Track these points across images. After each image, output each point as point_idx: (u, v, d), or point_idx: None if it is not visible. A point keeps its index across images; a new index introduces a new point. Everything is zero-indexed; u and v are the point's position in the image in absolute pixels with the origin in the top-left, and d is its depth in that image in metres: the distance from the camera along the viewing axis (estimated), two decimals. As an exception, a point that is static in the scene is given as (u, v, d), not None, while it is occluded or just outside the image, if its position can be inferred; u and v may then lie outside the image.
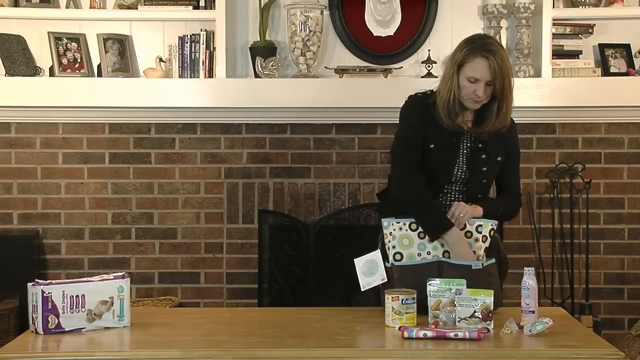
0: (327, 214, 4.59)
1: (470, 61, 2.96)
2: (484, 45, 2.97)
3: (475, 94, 2.96)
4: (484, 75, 2.94)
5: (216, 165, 4.60)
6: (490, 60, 2.93)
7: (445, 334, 2.61)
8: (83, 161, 4.59)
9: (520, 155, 3.23)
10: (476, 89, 2.95)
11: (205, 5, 4.48)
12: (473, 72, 2.95)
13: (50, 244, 4.60)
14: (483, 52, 2.95)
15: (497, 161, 3.09)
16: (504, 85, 2.96)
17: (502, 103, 2.99)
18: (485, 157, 3.05)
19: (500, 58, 2.94)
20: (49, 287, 2.66)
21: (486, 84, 2.96)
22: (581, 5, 4.54)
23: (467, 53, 2.97)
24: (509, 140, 3.13)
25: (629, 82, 4.44)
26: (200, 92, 4.43)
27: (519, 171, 3.22)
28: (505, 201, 3.13)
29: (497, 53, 2.95)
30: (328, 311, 3.07)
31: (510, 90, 3.00)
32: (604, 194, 4.58)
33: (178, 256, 4.62)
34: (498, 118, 3.01)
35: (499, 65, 2.93)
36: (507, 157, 3.11)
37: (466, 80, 2.96)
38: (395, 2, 4.57)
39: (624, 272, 4.61)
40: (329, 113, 4.53)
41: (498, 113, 3.00)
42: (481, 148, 3.05)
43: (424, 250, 2.93)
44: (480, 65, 2.95)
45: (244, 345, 2.63)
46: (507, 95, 2.99)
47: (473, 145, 3.06)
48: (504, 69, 2.94)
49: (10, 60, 4.46)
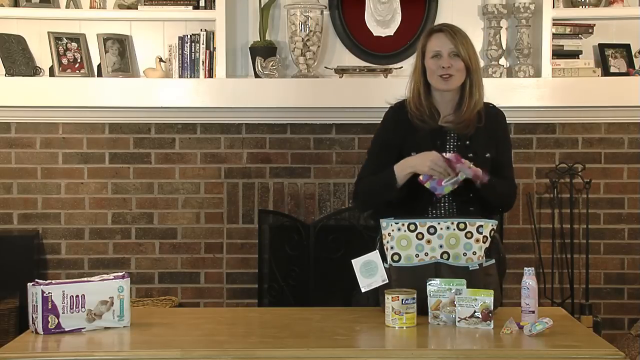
0: (327, 214, 4.59)
1: (430, 41, 3.07)
2: (440, 25, 3.17)
3: (441, 68, 3.02)
4: (444, 45, 3.03)
5: (216, 165, 4.60)
6: (447, 32, 3.05)
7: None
8: (83, 161, 4.59)
9: (511, 147, 3.24)
10: (441, 63, 3.03)
11: (205, 5, 4.48)
12: (434, 46, 3.05)
13: (50, 244, 4.60)
14: (437, 27, 3.11)
15: (486, 158, 3.08)
16: (469, 54, 3.03)
17: (472, 78, 3.05)
18: (473, 154, 3.05)
19: (457, 30, 3.06)
20: (49, 287, 2.66)
21: (450, 56, 3.02)
22: (581, 5, 4.54)
23: (426, 35, 3.12)
24: (497, 133, 3.14)
25: (629, 82, 4.44)
26: (200, 92, 4.43)
27: (511, 162, 3.22)
28: (500, 180, 3.11)
29: (453, 27, 3.09)
30: (328, 311, 3.07)
31: (478, 64, 3.08)
32: (604, 194, 4.59)
33: (178, 256, 4.62)
34: (472, 96, 3.05)
35: (459, 35, 3.04)
36: (496, 150, 3.11)
37: (431, 61, 3.05)
38: (395, 2, 4.57)
39: (624, 272, 4.61)
40: (329, 113, 4.53)
41: (471, 91, 3.05)
42: (468, 145, 3.07)
43: (421, 251, 2.93)
44: (439, 39, 3.05)
45: (244, 345, 2.63)
46: (476, 68, 3.06)
47: (459, 144, 3.07)
48: (465, 38, 3.05)
49: (10, 60, 4.47)
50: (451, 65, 3.02)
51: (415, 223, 2.94)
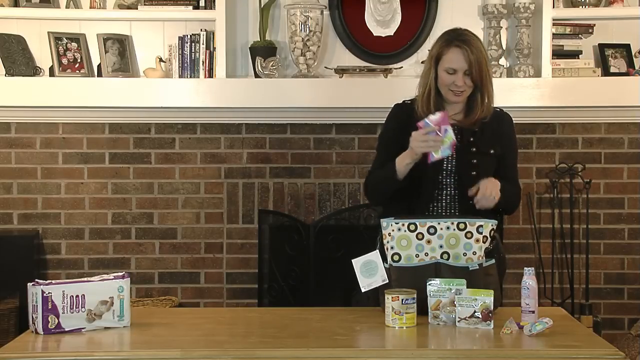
0: (327, 214, 4.59)
1: (446, 53, 3.04)
2: (457, 36, 3.06)
3: (454, 85, 3.03)
4: (460, 64, 3.02)
5: (216, 165, 4.60)
6: (464, 50, 3.01)
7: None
8: (83, 161, 4.59)
9: (517, 150, 3.26)
10: (455, 80, 3.03)
11: (205, 5, 4.48)
12: (450, 63, 3.03)
13: (50, 244, 4.60)
14: (457, 42, 3.03)
15: (490, 154, 3.10)
16: (482, 73, 3.02)
17: (483, 91, 3.06)
18: (475, 150, 3.07)
19: (475, 47, 3.02)
20: (49, 287, 2.66)
21: (464, 74, 3.02)
22: (581, 5, 4.54)
23: (443, 45, 3.06)
24: (504, 135, 3.16)
25: (629, 82, 4.45)
26: (200, 92, 4.43)
27: (516, 165, 3.23)
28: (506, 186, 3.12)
29: (471, 42, 3.03)
30: (328, 311, 3.07)
31: (490, 78, 3.07)
32: (604, 194, 4.59)
33: (178, 256, 4.62)
34: (483, 106, 3.07)
35: (475, 54, 3.01)
36: (502, 151, 3.13)
37: (445, 72, 3.05)
38: (395, 2, 4.57)
39: (624, 272, 4.61)
40: (329, 113, 4.53)
41: (482, 102, 3.07)
42: (471, 142, 3.09)
43: (422, 251, 2.92)
44: (456, 55, 3.02)
45: (244, 345, 2.62)
46: (487, 82, 3.06)
47: (463, 140, 3.08)
48: (479, 57, 3.02)
49: (10, 60, 4.47)
50: (464, 83, 3.04)
51: (415, 223, 2.94)
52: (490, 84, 3.08)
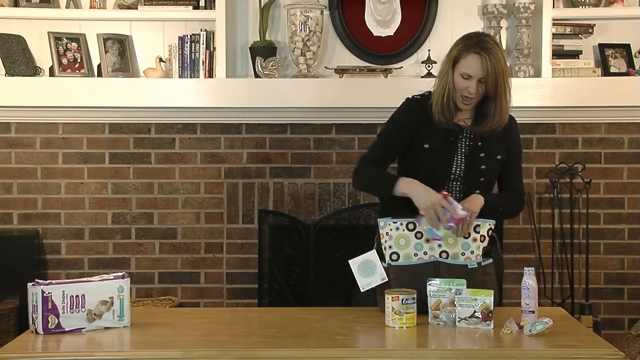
0: (327, 214, 4.59)
1: (464, 57, 2.97)
2: (479, 42, 2.98)
3: (467, 90, 2.97)
4: (476, 71, 2.95)
5: (216, 165, 4.60)
6: (483, 57, 2.93)
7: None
8: (83, 161, 4.59)
9: (522, 153, 3.23)
10: (468, 85, 2.97)
11: (205, 5, 4.48)
12: (466, 68, 2.96)
13: (50, 244, 4.60)
14: (477, 49, 2.95)
15: (497, 160, 3.08)
16: (497, 83, 2.95)
17: (497, 102, 2.98)
18: (484, 155, 3.05)
19: (494, 56, 2.94)
20: (49, 287, 2.66)
21: (479, 81, 2.96)
22: (581, 5, 4.54)
23: (462, 49, 2.98)
24: (509, 138, 3.13)
25: (629, 82, 4.44)
26: (200, 92, 4.43)
27: (521, 169, 3.22)
28: (508, 197, 3.12)
29: (491, 51, 2.95)
30: (328, 311, 3.07)
31: (505, 90, 2.98)
32: (604, 194, 4.59)
33: (178, 256, 4.62)
34: (494, 118, 3.01)
35: (493, 63, 2.93)
36: (507, 155, 3.11)
37: (460, 76, 2.98)
38: (395, 2, 4.57)
39: (624, 272, 4.61)
40: (329, 113, 4.53)
41: (494, 113, 3.00)
42: (480, 146, 3.06)
43: (420, 250, 2.93)
44: (473, 61, 2.95)
45: (244, 345, 2.63)
46: (502, 94, 2.98)
47: (472, 144, 3.06)
48: (497, 67, 2.94)
49: (10, 60, 4.47)
50: (477, 90, 2.98)
51: (414, 222, 2.94)
52: (506, 96, 2.99)
